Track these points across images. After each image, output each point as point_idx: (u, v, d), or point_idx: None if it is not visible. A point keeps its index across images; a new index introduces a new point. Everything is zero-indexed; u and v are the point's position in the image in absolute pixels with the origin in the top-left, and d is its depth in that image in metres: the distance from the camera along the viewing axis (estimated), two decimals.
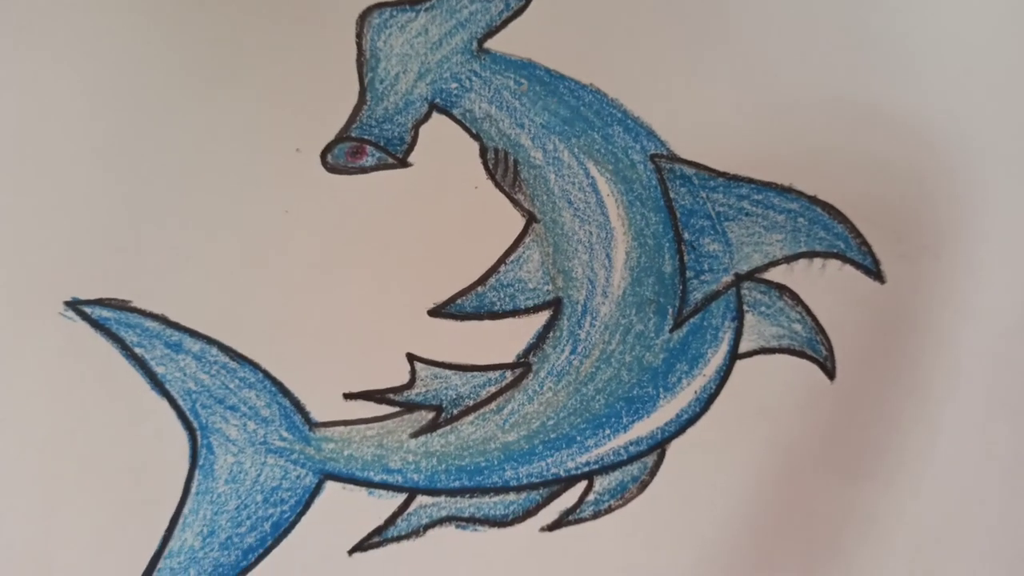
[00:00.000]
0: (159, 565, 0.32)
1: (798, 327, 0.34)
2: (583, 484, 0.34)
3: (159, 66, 0.32)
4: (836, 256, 0.34)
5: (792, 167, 0.34)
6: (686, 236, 0.34)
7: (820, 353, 0.34)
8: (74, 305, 0.32)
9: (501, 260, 0.33)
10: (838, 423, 0.34)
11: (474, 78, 0.33)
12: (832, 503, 0.34)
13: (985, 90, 0.35)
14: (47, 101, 0.32)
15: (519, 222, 0.33)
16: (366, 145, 0.33)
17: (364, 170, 0.33)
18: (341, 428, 0.33)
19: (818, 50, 0.34)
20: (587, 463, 0.34)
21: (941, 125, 0.35)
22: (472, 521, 0.33)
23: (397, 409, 0.33)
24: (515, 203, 0.33)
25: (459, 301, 0.33)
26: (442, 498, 0.33)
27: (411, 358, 0.33)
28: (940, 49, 0.35)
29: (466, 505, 0.33)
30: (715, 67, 0.34)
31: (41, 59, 0.32)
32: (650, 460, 0.34)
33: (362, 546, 0.33)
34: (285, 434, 0.33)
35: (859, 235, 0.34)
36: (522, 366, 0.34)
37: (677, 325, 0.34)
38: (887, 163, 0.34)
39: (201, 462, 0.33)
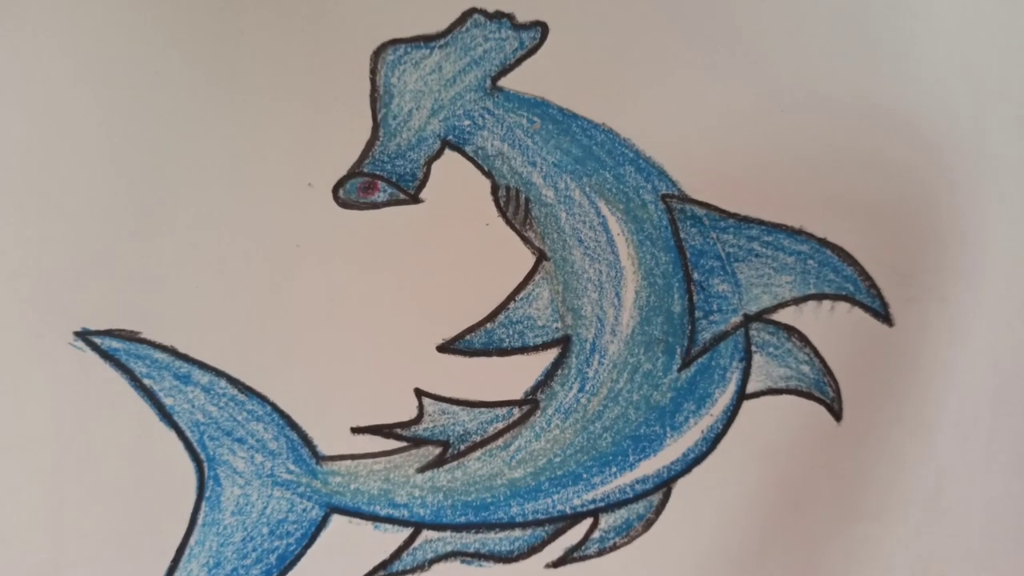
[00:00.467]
0: None
1: (806, 368, 0.34)
2: (588, 521, 0.34)
3: (173, 100, 0.32)
4: (845, 298, 0.34)
5: (803, 209, 0.34)
6: (696, 276, 0.34)
7: (827, 395, 0.34)
8: (84, 336, 0.32)
9: (511, 297, 0.33)
10: (844, 464, 0.34)
11: (487, 116, 0.33)
12: (838, 543, 0.34)
13: (1004, 129, 0.35)
14: (62, 132, 0.32)
15: (529, 259, 0.33)
16: (378, 181, 0.33)
17: (376, 205, 0.33)
18: (348, 462, 0.33)
19: (835, 95, 0.34)
20: (593, 501, 0.34)
21: (951, 168, 0.35)
22: (477, 556, 0.34)
23: (404, 444, 0.33)
24: (526, 241, 0.33)
25: (468, 337, 0.33)
26: (448, 533, 0.33)
27: (419, 393, 0.33)
28: (961, 89, 0.35)
29: (471, 540, 0.34)
30: (728, 109, 0.34)
31: (58, 93, 0.32)
32: (656, 499, 0.34)
33: None
34: (292, 467, 0.33)
35: (868, 278, 0.34)
36: (530, 403, 0.34)
37: (685, 365, 0.34)
38: (897, 207, 0.34)
39: (208, 494, 0.33)
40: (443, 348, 0.33)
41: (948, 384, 0.34)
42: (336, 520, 0.33)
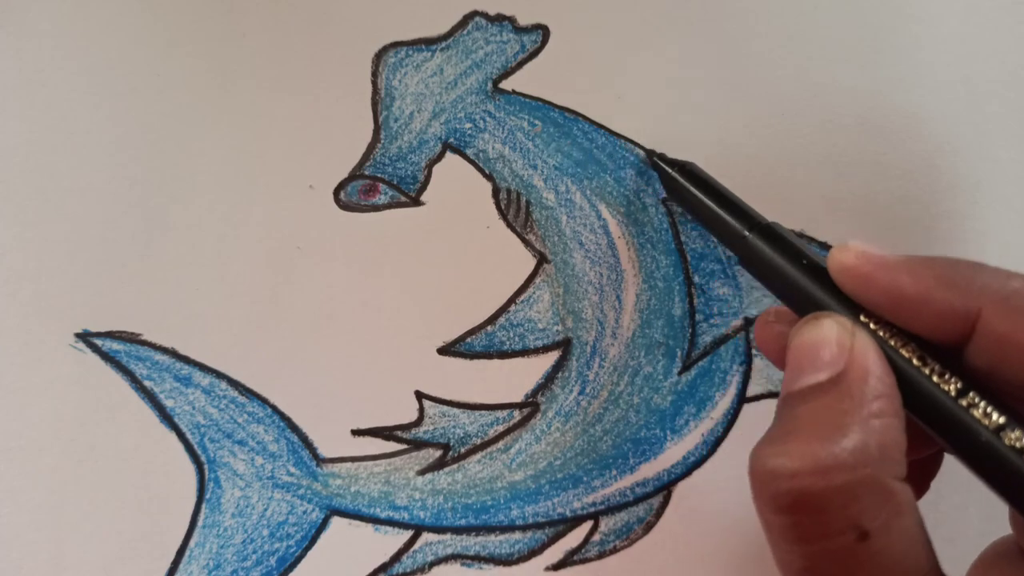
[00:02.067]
0: None
1: None
2: (589, 524, 0.34)
3: (174, 102, 0.32)
4: None
5: (803, 212, 0.34)
6: (696, 279, 0.34)
7: None
8: (85, 337, 0.32)
9: (511, 300, 0.33)
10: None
11: (488, 118, 0.33)
12: None
13: (1005, 132, 0.35)
14: (62, 133, 0.32)
15: (530, 262, 0.33)
16: (379, 183, 0.33)
17: (377, 208, 0.33)
18: (348, 464, 0.33)
19: (836, 99, 0.34)
20: (593, 504, 0.34)
21: (951, 171, 0.35)
22: (477, 559, 0.34)
23: (405, 446, 0.33)
24: (526, 243, 0.33)
25: (469, 340, 0.33)
26: (448, 536, 0.33)
27: (420, 396, 0.33)
28: (962, 92, 0.35)
29: (472, 543, 0.34)
30: (728, 112, 0.34)
31: (58, 94, 0.32)
32: (656, 502, 0.34)
33: None
34: (292, 469, 0.33)
35: None
36: (530, 406, 0.34)
37: (685, 368, 0.34)
38: (897, 210, 0.34)
39: (208, 496, 0.33)
40: (444, 350, 0.33)
41: None
42: (336, 522, 0.33)
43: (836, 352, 0.21)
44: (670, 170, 0.30)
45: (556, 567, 0.34)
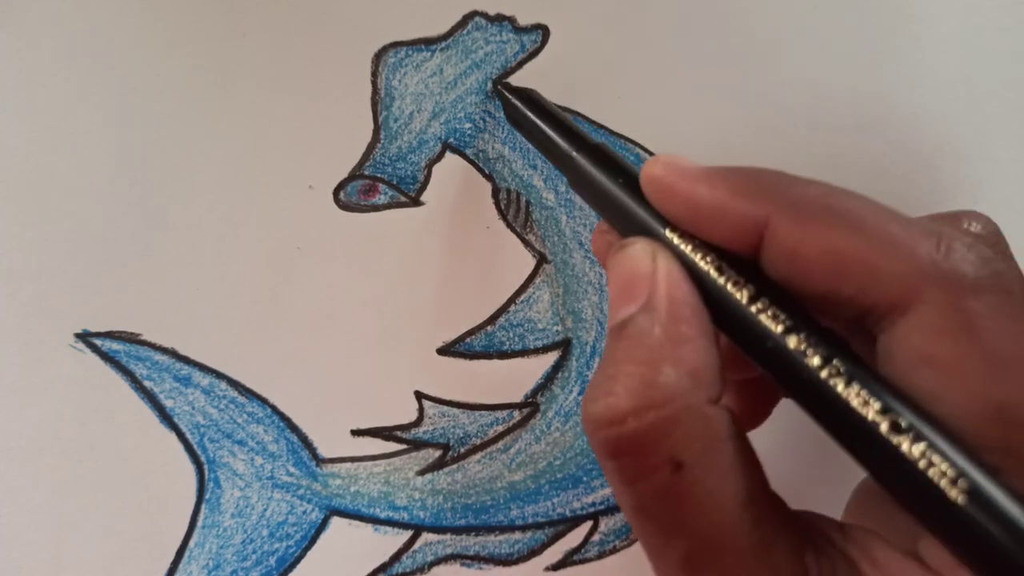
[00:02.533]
0: None
1: None
2: (588, 524, 0.34)
3: (174, 102, 0.32)
4: None
5: None
6: None
7: None
8: (84, 337, 0.32)
9: (511, 300, 0.33)
10: (844, 467, 0.34)
11: (488, 119, 0.33)
12: None
13: (1005, 133, 0.35)
14: (62, 134, 0.32)
15: (530, 262, 0.33)
16: (379, 183, 0.33)
17: (376, 208, 0.33)
18: (348, 464, 0.33)
19: (837, 100, 0.34)
20: (593, 504, 0.34)
21: (952, 173, 0.35)
22: (477, 559, 0.34)
23: (404, 446, 0.33)
24: (526, 243, 0.33)
25: (468, 340, 0.33)
26: (447, 536, 0.34)
27: (419, 396, 0.33)
28: (962, 94, 0.35)
29: (471, 543, 0.34)
30: (728, 113, 0.34)
31: (58, 94, 0.32)
32: None
33: None
34: (292, 469, 0.33)
35: None
36: (530, 406, 0.34)
37: None
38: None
39: (208, 496, 0.33)
40: (444, 350, 0.33)
41: None
42: (336, 522, 0.33)
43: (641, 281, 0.21)
44: (511, 96, 0.29)
45: (556, 567, 0.34)
